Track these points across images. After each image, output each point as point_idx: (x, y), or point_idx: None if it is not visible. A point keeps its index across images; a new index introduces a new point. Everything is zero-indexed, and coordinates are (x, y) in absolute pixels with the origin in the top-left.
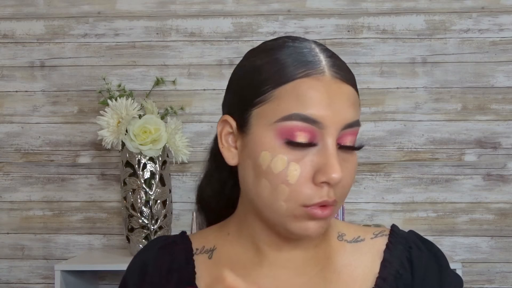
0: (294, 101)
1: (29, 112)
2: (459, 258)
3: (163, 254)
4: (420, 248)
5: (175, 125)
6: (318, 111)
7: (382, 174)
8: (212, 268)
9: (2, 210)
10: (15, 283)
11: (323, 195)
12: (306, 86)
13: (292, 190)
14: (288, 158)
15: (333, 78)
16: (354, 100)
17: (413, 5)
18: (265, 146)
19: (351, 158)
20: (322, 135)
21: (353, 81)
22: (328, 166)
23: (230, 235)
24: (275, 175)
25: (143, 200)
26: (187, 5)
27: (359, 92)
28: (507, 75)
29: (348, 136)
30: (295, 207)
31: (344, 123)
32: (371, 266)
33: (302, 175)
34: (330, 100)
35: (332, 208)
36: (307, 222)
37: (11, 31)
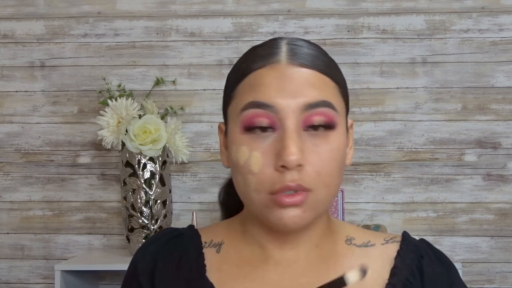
0: (250, 91)
1: (29, 112)
2: (459, 258)
3: (174, 245)
4: (431, 258)
5: (175, 125)
6: (270, 95)
7: (382, 174)
8: (220, 262)
9: (2, 210)
10: (15, 283)
11: (285, 180)
12: (260, 75)
13: (257, 179)
14: (250, 148)
15: (288, 64)
16: (317, 82)
17: (413, 5)
18: (233, 140)
19: (325, 142)
20: (280, 119)
21: (320, 66)
22: (284, 148)
23: (237, 231)
24: (241, 166)
25: (143, 200)
26: (187, 5)
27: (359, 92)
28: (507, 75)
29: (314, 117)
30: (264, 196)
31: (302, 104)
32: (381, 272)
33: (264, 163)
34: (282, 84)
35: (304, 194)
36: (279, 211)
37: (11, 31)
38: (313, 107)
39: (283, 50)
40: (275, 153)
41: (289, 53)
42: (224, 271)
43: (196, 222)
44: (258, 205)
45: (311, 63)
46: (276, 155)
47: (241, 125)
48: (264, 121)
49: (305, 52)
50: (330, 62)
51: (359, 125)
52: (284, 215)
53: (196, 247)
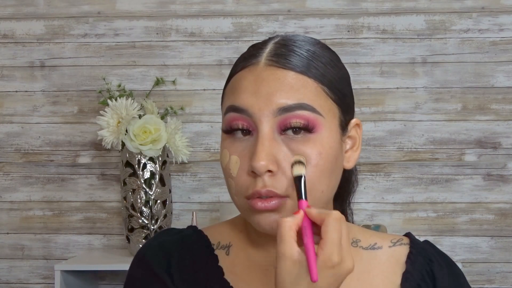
0: (230, 94)
1: (29, 112)
2: (459, 258)
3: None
4: (440, 263)
5: (175, 125)
6: (244, 99)
7: (382, 174)
8: (232, 265)
9: (2, 210)
10: (15, 283)
11: (256, 186)
12: (239, 78)
13: (235, 183)
14: (230, 151)
15: (266, 66)
16: (294, 84)
17: (413, 5)
18: (221, 142)
19: (305, 146)
20: (255, 123)
21: (301, 67)
22: (254, 154)
23: (242, 233)
24: (224, 169)
25: (143, 200)
26: (187, 5)
27: (359, 92)
28: (507, 75)
29: (290, 121)
30: (242, 201)
31: (276, 107)
32: (391, 276)
33: (241, 167)
34: (257, 87)
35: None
36: (256, 216)
37: (11, 31)
38: (288, 110)
39: (265, 51)
40: (249, 157)
41: (270, 54)
42: (238, 274)
43: (196, 222)
44: (240, 209)
45: (290, 64)
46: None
47: (222, 128)
48: (241, 125)
49: (290, 51)
50: (321, 63)
51: None
52: (261, 220)
53: (207, 249)
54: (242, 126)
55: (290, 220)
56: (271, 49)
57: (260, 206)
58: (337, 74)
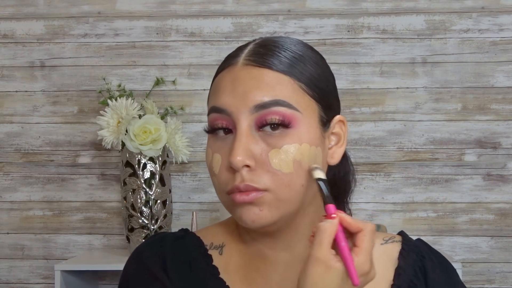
0: (212, 95)
1: (29, 112)
2: (459, 258)
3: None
4: (432, 260)
5: (175, 125)
6: (222, 99)
7: (382, 174)
8: (225, 264)
9: (2, 210)
10: (15, 283)
11: (234, 181)
12: (219, 79)
13: (218, 180)
14: (212, 150)
15: (243, 66)
16: (270, 81)
17: (413, 5)
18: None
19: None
20: (233, 121)
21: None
22: (231, 150)
23: (234, 233)
24: (208, 168)
25: (143, 200)
26: (187, 5)
27: (359, 92)
28: (507, 75)
29: (267, 117)
30: (225, 197)
31: (250, 105)
32: (384, 273)
33: (222, 164)
34: (233, 87)
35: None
36: (238, 210)
37: (11, 31)
38: (263, 107)
39: (245, 51)
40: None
41: (248, 54)
42: (232, 273)
43: (196, 222)
44: (224, 205)
45: (267, 63)
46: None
47: (206, 128)
48: (221, 124)
49: (266, 52)
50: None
51: (359, 125)
52: (242, 214)
53: (200, 250)
54: (222, 125)
55: (330, 225)
56: (249, 50)
57: (239, 198)
58: (317, 72)
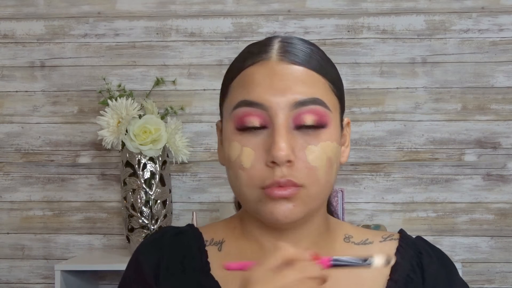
0: (241, 88)
1: (29, 112)
2: (459, 258)
3: (176, 242)
4: (430, 255)
5: (175, 125)
6: (260, 94)
7: (382, 174)
8: (222, 260)
9: (2, 210)
10: (15, 283)
11: (275, 176)
12: (251, 73)
13: (248, 175)
14: (241, 144)
15: (278, 61)
16: (307, 79)
17: (413, 5)
18: (227, 137)
19: (317, 139)
20: (270, 116)
21: (311, 64)
22: (273, 145)
23: (236, 229)
24: (233, 162)
25: (143, 200)
26: (187, 5)
27: (359, 92)
28: (507, 75)
29: (305, 115)
30: (256, 191)
31: (291, 102)
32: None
33: (256, 159)
34: (272, 82)
35: (294, 189)
36: (271, 205)
37: (11, 31)
38: (303, 104)
39: (274, 48)
40: (265, 149)
41: (280, 50)
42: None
43: (196, 222)
44: (250, 200)
45: (302, 60)
46: (267, 151)
47: (233, 122)
48: (255, 121)
49: (297, 49)
50: (323, 60)
51: (359, 125)
52: (275, 209)
53: (198, 245)
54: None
55: None
56: (279, 46)
57: (277, 193)
58: (336, 72)
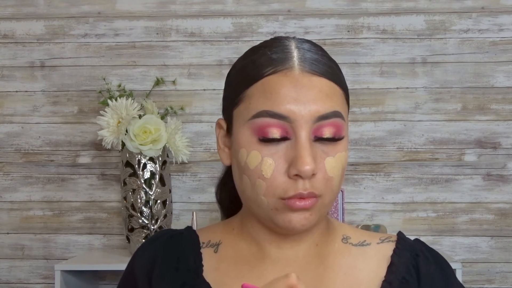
0: (262, 98)
1: (29, 112)
2: (459, 258)
3: (172, 245)
4: (427, 257)
5: (175, 125)
6: (285, 106)
7: (382, 174)
8: (218, 262)
9: (2, 210)
10: (15, 283)
11: (298, 188)
12: (273, 83)
13: (268, 185)
14: (262, 154)
15: (301, 72)
16: (329, 91)
17: (413, 5)
18: (242, 143)
19: (334, 150)
20: (293, 128)
21: (329, 74)
22: (298, 158)
23: (234, 230)
24: (252, 170)
25: (143, 200)
26: (187, 5)
27: (359, 92)
28: (507, 75)
29: (325, 128)
30: (274, 201)
31: (315, 115)
32: (377, 270)
33: (277, 169)
34: (297, 94)
35: (314, 200)
36: (289, 214)
37: (11, 31)
38: (325, 118)
39: (294, 56)
40: (287, 160)
41: (301, 59)
42: (222, 271)
43: (196, 222)
44: (267, 209)
45: (321, 71)
46: (289, 162)
47: (252, 131)
48: (277, 133)
49: (314, 57)
50: (335, 66)
51: (359, 125)
52: (293, 218)
53: (193, 247)
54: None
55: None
56: (299, 54)
57: (299, 205)
58: (343, 76)
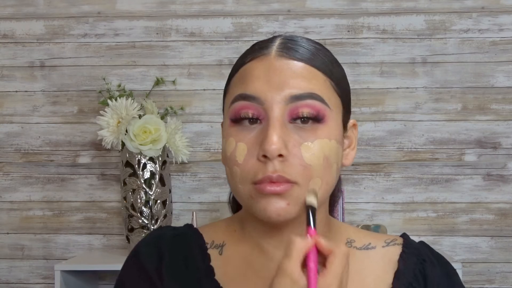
0: (239, 83)
1: (29, 112)
2: (459, 258)
3: (177, 243)
4: (433, 263)
5: (175, 125)
6: (256, 87)
7: (382, 174)
8: (224, 264)
9: (2, 210)
10: (15, 283)
11: (267, 170)
12: (249, 68)
13: (242, 170)
14: (236, 139)
15: (277, 56)
16: (306, 74)
17: (413, 5)
18: (224, 133)
19: (313, 135)
20: (265, 110)
21: (310, 60)
22: (265, 138)
23: (236, 232)
24: (229, 158)
25: (143, 200)
26: (187, 5)
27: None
28: (507, 75)
29: (301, 109)
30: (249, 187)
31: (287, 95)
32: (383, 275)
33: (249, 153)
34: (269, 76)
35: (287, 185)
36: (263, 202)
37: (11, 31)
38: (299, 98)
39: (275, 44)
40: (259, 143)
41: (280, 47)
42: (229, 274)
43: (196, 222)
44: (244, 196)
45: (302, 57)
46: (260, 145)
47: (229, 117)
48: (249, 113)
49: (299, 46)
50: (328, 59)
51: (359, 125)
52: (267, 207)
53: (200, 247)
54: (252, 115)
55: (302, 242)
56: (280, 43)
57: (269, 189)
58: (341, 72)
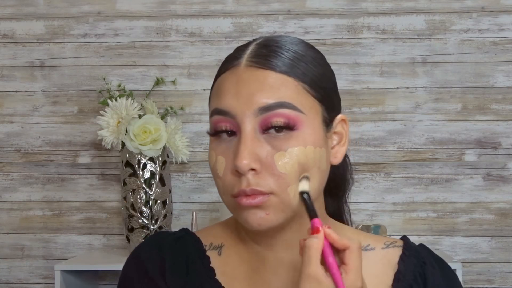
0: (215, 97)
1: (29, 112)
2: (459, 258)
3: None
4: (433, 266)
5: (175, 125)
6: (226, 102)
7: (382, 174)
8: (223, 265)
9: (2, 210)
10: (15, 283)
11: (241, 185)
12: (222, 80)
13: (222, 183)
14: (216, 152)
15: (246, 67)
16: (274, 83)
17: (413, 5)
18: (209, 145)
19: (286, 144)
20: (238, 124)
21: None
22: (236, 154)
23: (233, 233)
24: (212, 169)
25: (143, 200)
26: (187, 5)
27: (359, 92)
28: (507, 75)
29: (272, 119)
30: (230, 199)
31: (255, 107)
32: (383, 277)
33: (226, 167)
34: (237, 89)
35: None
36: (244, 213)
37: (11, 31)
38: (268, 109)
39: (247, 53)
40: (233, 157)
41: (250, 55)
42: (229, 275)
43: (196, 222)
44: (229, 207)
45: (270, 64)
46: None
47: (210, 130)
48: (224, 126)
49: (271, 52)
50: (301, 61)
51: (359, 125)
52: (248, 218)
53: (199, 250)
54: (226, 128)
55: (316, 241)
56: (252, 50)
57: (245, 202)
58: (319, 72)
